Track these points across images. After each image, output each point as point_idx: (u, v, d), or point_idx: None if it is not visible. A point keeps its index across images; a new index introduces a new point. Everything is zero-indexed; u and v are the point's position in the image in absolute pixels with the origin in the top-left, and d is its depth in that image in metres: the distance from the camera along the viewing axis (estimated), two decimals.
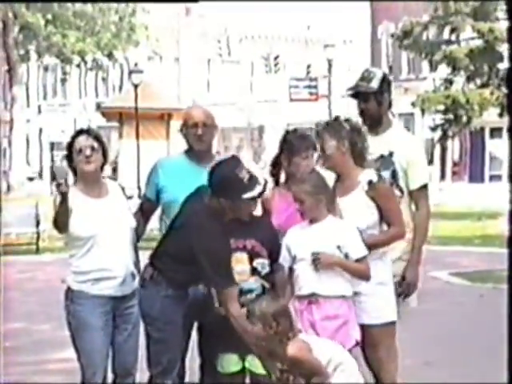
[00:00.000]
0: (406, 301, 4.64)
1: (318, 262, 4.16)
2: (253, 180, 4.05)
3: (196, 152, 4.52)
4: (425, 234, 4.74)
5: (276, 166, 4.65)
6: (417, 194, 4.69)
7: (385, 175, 4.53)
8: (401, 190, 4.66)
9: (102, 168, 4.46)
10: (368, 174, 4.32)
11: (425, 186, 4.73)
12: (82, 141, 4.40)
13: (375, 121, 4.68)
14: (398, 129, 4.87)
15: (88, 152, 4.37)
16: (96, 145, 4.41)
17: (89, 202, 4.40)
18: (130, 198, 4.69)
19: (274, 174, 4.67)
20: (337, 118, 4.47)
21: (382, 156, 4.62)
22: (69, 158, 4.46)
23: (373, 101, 4.68)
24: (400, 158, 4.64)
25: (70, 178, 4.47)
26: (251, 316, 3.92)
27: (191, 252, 4.03)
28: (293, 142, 4.55)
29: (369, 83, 4.68)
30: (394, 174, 4.64)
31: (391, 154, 4.65)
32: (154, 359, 4.21)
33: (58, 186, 4.24)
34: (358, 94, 4.71)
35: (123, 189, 4.61)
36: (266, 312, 3.88)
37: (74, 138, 4.45)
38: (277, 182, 4.67)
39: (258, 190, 4.05)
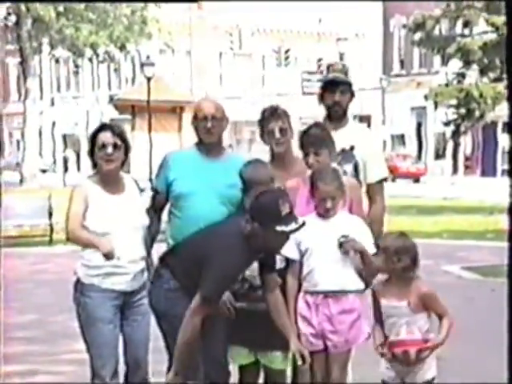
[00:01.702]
0: None
1: (347, 245, 4.20)
2: (291, 216, 4.01)
3: (206, 145, 4.52)
4: (380, 229, 4.74)
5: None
6: (374, 188, 4.75)
7: (347, 169, 4.64)
8: (360, 183, 4.75)
9: (122, 165, 4.44)
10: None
11: (381, 181, 4.79)
12: (105, 137, 4.36)
13: (344, 114, 4.74)
14: (356, 124, 4.95)
15: (110, 150, 4.35)
16: (119, 142, 4.38)
17: (106, 198, 4.39)
18: (142, 190, 4.68)
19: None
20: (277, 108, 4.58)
21: (343, 150, 4.68)
22: (91, 151, 4.42)
23: (349, 93, 4.75)
24: (360, 152, 4.71)
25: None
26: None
27: (203, 258, 4.03)
28: (302, 136, 4.52)
29: (346, 75, 4.75)
30: (355, 168, 4.72)
31: (352, 148, 4.73)
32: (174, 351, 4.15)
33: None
34: (333, 85, 4.73)
35: (137, 183, 4.60)
36: (388, 246, 4.03)
37: (97, 132, 4.42)
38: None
39: (291, 226, 4.00)
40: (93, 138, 4.42)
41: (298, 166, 4.52)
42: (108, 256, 4.22)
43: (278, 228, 3.96)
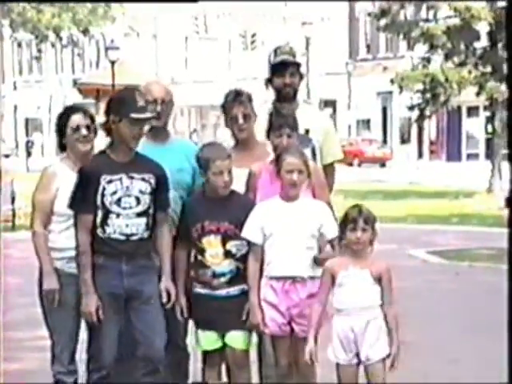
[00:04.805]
0: None
1: (322, 261, 4.17)
2: (147, 108, 4.18)
3: (152, 129, 4.45)
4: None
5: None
6: (326, 170, 4.72)
7: (306, 153, 4.54)
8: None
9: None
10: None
11: (333, 163, 4.78)
12: (79, 119, 4.35)
13: (294, 96, 4.70)
14: (307, 105, 4.90)
15: (84, 132, 4.34)
16: (91, 124, 4.38)
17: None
18: None
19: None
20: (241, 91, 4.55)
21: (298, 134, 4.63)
22: (59, 133, 4.39)
23: (298, 74, 4.72)
24: (315, 134, 4.69)
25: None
26: None
27: None
28: (271, 119, 4.45)
29: (294, 57, 4.72)
30: (313, 151, 4.68)
31: (307, 132, 4.69)
32: None
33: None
34: (283, 68, 4.69)
35: None
36: (356, 217, 4.06)
37: (68, 114, 4.39)
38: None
39: (147, 115, 4.17)
40: (63, 121, 4.39)
41: (261, 150, 4.47)
42: (47, 292, 4.27)
43: (134, 115, 4.10)
